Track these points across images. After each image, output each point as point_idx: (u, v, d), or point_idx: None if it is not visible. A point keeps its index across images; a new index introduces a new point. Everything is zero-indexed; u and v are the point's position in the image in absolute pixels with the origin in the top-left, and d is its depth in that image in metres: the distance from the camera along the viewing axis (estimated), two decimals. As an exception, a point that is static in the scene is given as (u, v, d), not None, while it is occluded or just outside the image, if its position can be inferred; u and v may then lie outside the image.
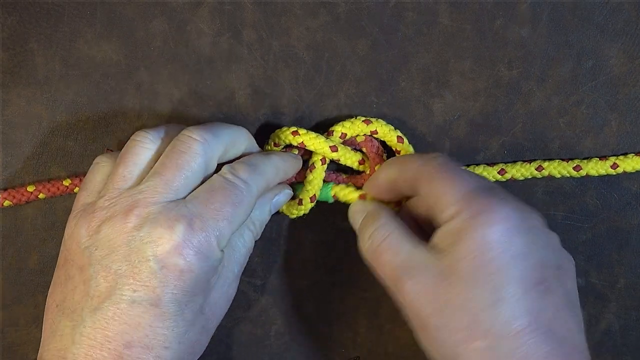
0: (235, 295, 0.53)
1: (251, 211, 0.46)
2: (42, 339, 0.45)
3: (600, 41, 0.52)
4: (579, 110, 0.53)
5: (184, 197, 0.44)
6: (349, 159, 0.51)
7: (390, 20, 0.52)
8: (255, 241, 0.49)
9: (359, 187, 0.52)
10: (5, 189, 0.52)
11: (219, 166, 0.47)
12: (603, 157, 0.53)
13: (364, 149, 0.52)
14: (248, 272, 0.54)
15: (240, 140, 0.48)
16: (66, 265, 0.44)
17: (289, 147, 0.52)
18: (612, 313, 0.54)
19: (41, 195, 0.52)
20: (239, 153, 0.48)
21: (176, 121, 0.52)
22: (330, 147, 0.50)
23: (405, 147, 0.51)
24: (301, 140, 0.50)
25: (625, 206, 0.54)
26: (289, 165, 0.49)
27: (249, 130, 0.49)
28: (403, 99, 0.53)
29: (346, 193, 0.51)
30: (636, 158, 0.53)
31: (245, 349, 0.54)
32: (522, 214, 0.43)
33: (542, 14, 0.52)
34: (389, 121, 0.52)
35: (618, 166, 0.53)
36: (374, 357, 0.54)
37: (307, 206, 0.51)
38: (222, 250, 0.44)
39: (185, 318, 0.43)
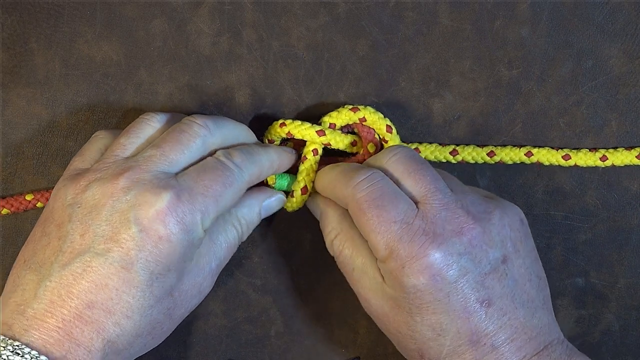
0: (235, 295, 0.53)
1: (240, 197, 0.46)
2: (1, 296, 0.43)
3: (600, 41, 0.52)
4: (579, 110, 0.53)
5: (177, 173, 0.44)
6: (340, 142, 0.51)
7: (390, 20, 0.52)
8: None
9: None
10: (3, 197, 0.52)
11: None
12: (593, 149, 0.53)
13: (355, 130, 0.51)
14: (248, 272, 0.54)
15: (241, 135, 0.49)
16: (45, 223, 0.44)
17: (285, 141, 0.52)
18: (612, 313, 0.54)
19: (39, 205, 0.52)
20: None
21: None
22: (317, 132, 0.50)
23: (393, 138, 0.50)
24: (288, 130, 0.50)
25: (625, 206, 0.54)
26: (283, 159, 0.50)
27: (249, 130, 0.49)
28: (403, 99, 0.53)
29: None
30: (625, 152, 0.53)
31: (245, 349, 0.54)
32: (449, 248, 0.43)
33: (542, 14, 0.52)
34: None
35: (607, 159, 0.52)
36: (374, 357, 0.54)
37: (298, 198, 0.51)
38: (204, 231, 0.44)
39: (153, 292, 0.42)
